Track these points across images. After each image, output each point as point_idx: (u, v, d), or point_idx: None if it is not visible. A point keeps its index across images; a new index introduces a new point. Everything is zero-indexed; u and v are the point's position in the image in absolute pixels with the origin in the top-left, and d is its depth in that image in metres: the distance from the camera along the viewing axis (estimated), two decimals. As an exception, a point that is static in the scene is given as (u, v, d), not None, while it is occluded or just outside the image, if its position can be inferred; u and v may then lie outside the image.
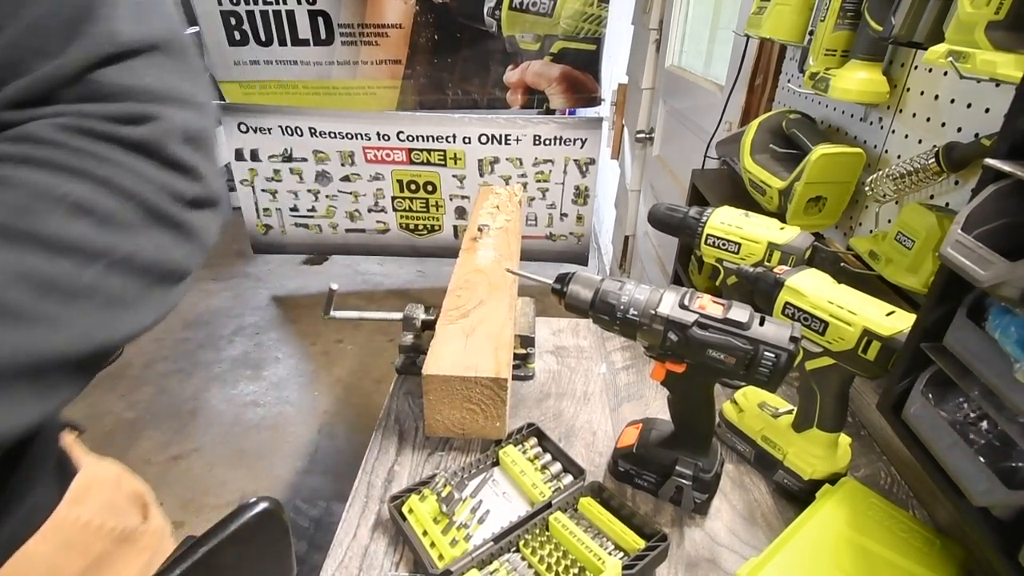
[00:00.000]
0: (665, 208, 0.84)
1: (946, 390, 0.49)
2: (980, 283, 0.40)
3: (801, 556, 0.52)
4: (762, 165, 0.96)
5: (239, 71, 2.52)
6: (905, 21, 0.67)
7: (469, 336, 0.73)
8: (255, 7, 2.37)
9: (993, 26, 0.53)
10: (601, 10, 2.36)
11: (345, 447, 2.06)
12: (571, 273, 0.59)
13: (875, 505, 0.58)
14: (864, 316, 0.55)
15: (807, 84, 0.86)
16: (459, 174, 2.63)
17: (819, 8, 0.85)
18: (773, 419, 0.69)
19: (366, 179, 2.68)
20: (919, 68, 0.76)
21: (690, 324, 0.52)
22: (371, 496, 0.64)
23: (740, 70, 1.26)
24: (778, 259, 0.74)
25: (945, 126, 0.71)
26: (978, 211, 0.42)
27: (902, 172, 0.71)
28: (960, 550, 0.54)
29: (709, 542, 0.60)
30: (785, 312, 0.61)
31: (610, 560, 0.52)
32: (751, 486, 0.67)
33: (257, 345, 2.60)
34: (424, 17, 2.40)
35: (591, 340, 0.95)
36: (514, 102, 2.56)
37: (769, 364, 0.50)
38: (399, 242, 2.87)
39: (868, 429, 0.76)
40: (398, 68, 2.52)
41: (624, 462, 0.66)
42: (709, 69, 1.76)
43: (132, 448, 2.02)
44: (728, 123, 1.39)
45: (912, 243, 0.68)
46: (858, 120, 0.89)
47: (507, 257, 0.95)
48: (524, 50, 2.45)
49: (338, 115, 2.53)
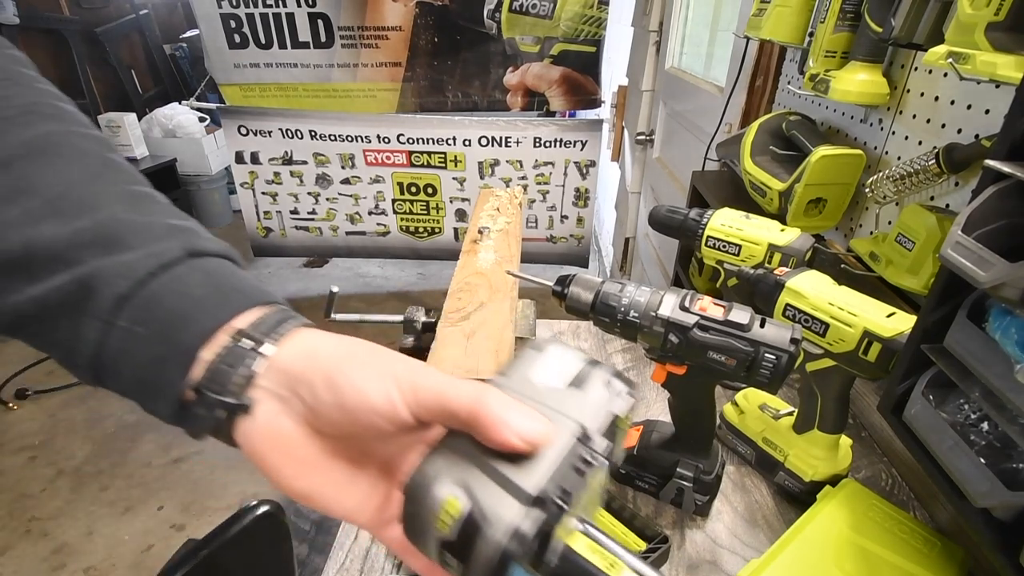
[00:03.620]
0: (665, 210, 0.84)
1: (947, 391, 0.49)
2: (980, 284, 0.40)
3: (802, 558, 0.52)
4: (762, 167, 0.96)
5: (239, 74, 2.53)
6: (905, 22, 0.67)
7: (470, 338, 0.73)
8: (255, 10, 2.38)
9: (993, 27, 0.53)
10: (601, 12, 2.37)
11: (346, 449, 2.06)
12: (571, 275, 0.59)
13: (876, 506, 0.57)
14: (865, 317, 0.55)
15: (807, 86, 0.86)
16: (459, 176, 2.63)
17: (819, 10, 0.85)
18: (774, 421, 0.69)
19: (366, 182, 2.68)
20: (919, 69, 0.76)
21: (691, 326, 0.52)
22: (372, 498, 0.64)
23: (740, 72, 1.27)
24: (778, 261, 0.74)
25: (945, 127, 0.71)
26: (978, 212, 0.42)
27: (902, 173, 0.71)
28: (961, 551, 0.54)
29: (710, 544, 0.60)
30: (786, 314, 0.61)
31: (611, 562, 0.52)
32: (752, 488, 0.67)
33: (258, 347, 2.60)
34: (424, 19, 2.41)
35: (592, 342, 0.95)
36: (514, 104, 2.57)
37: (770, 366, 0.50)
38: (400, 244, 2.88)
39: (869, 430, 0.76)
40: (398, 71, 2.53)
41: (625, 464, 0.66)
42: (709, 71, 1.76)
43: (133, 451, 2.02)
44: (728, 125, 1.39)
45: (912, 244, 0.68)
46: (858, 122, 0.89)
47: (507, 259, 0.95)
48: (524, 52, 2.46)
49: (338, 118, 2.54)
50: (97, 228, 0.28)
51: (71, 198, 0.29)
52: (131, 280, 0.27)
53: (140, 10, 3.87)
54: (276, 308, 0.29)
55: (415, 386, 0.26)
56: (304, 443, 0.27)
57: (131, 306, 0.27)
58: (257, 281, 0.31)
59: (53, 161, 0.30)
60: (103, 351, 0.27)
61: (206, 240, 0.31)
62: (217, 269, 0.30)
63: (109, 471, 1.94)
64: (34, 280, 0.27)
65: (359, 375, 0.26)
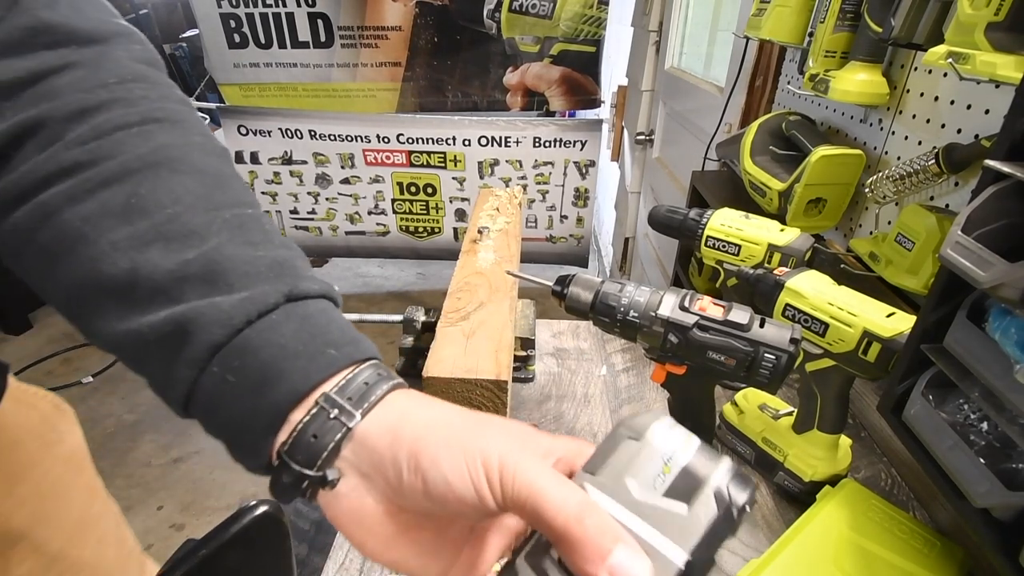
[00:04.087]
0: (665, 210, 0.84)
1: (946, 391, 0.49)
2: (980, 284, 0.40)
3: (802, 558, 0.52)
4: (762, 167, 0.96)
5: (239, 74, 2.53)
6: (905, 22, 0.67)
7: (469, 338, 0.73)
8: (255, 10, 2.37)
9: (993, 27, 0.53)
10: (601, 12, 2.36)
11: (345, 449, 2.06)
12: (571, 275, 0.59)
13: (876, 507, 0.57)
14: (864, 317, 0.55)
15: (807, 86, 0.86)
16: (459, 176, 2.63)
17: (819, 10, 0.85)
18: (773, 421, 0.69)
19: (366, 181, 2.68)
20: (919, 69, 0.76)
21: (690, 326, 0.52)
22: (371, 498, 0.64)
23: (740, 72, 1.27)
24: (778, 261, 0.74)
25: (945, 127, 0.71)
26: (978, 212, 0.42)
27: (902, 173, 0.71)
28: (960, 551, 0.54)
29: (710, 544, 0.60)
30: (785, 314, 0.61)
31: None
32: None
33: (257, 347, 2.60)
34: (424, 19, 2.41)
35: (591, 342, 0.95)
36: (514, 104, 2.57)
37: (769, 366, 0.50)
38: (399, 244, 2.87)
39: (868, 431, 0.76)
40: (398, 70, 2.53)
41: (625, 464, 0.65)
42: (709, 71, 1.76)
43: (133, 451, 2.02)
44: (728, 125, 1.39)
45: (912, 244, 0.68)
46: (858, 122, 0.89)
47: (507, 259, 0.95)
48: (524, 52, 2.45)
49: (338, 117, 2.53)
50: (202, 261, 0.28)
51: (180, 223, 0.29)
52: (228, 328, 0.27)
53: (140, 10, 3.88)
54: (368, 366, 0.29)
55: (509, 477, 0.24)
56: (387, 520, 0.27)
57: (225, 354, 0.27)
58: (353, 330, 0.30)
59: (168, 179, 0.30)
60: (194, 393, 0.27)
61: (306, 280, 0.30)
62: (314, 315, 0.29)
63: (109, 471, 1.94)
64: (134, 310, 0.27)
65: (446, 459, 0.25)
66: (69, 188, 0.28)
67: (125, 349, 0.28)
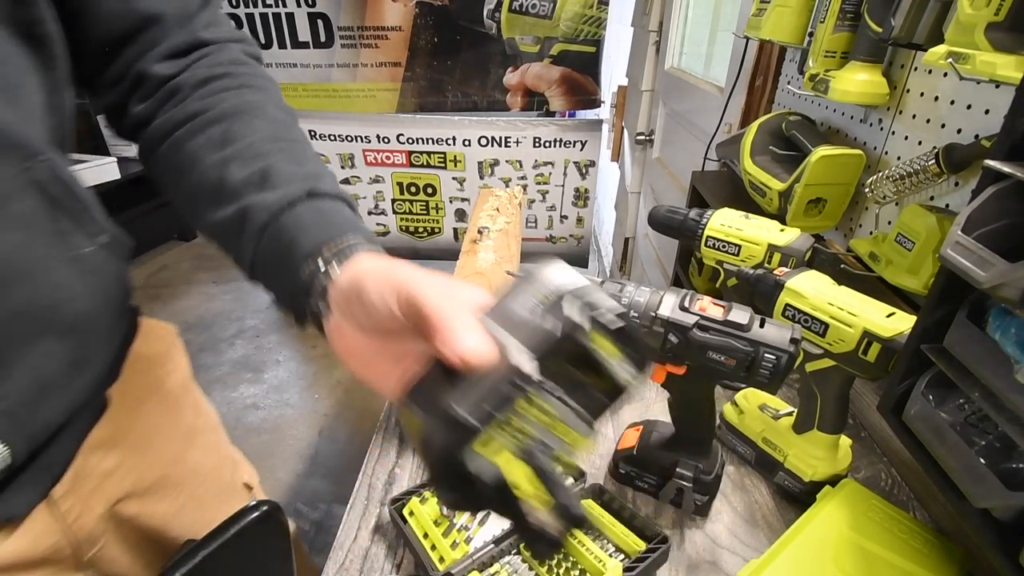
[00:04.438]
0: (665, 210, 0.84)
1: (946, 391, 0.49)
2: (980, 284, 0.40)
3: (802, 558, 0.52)
4: (762, 167, 0.96)
5: (239, 74, 2.53)
6: (905, 22, 0.67)
7: (469, 338, 0.73)
8: (255, 10, 2.37)
9: (993, 27, 0.53)
10: (601, 12, 2.36)
11: (346, 450, 2.06)
12: (571, 275, 0.59)
13: (876, 507, 0.58)
14: (864, 318, 0.55)
15: (807, 86, 0.86)
16: (459, 176, 2.63)
17: (819, 10, 0.85)
18: (774, 421, 0.69)
19: (366, 181, 2.68)
20: (919, 69, 0.76)
21: (690, 326, 0.52)
22: (372, 499, 0.64)
23: (740, 72, 1.27)
24: (778, 261, 0.74)
25: (945, 127, 0.71)
26: (978, 212, 0.42)
27: (902, 173, 0.71)
28: (960, 551, 0.54)
29: (710, 544, 0.60)
30: (785, 314, 0.61)
31: (611, 562, 0.52)
32: (752, 488, 0.67)
33: (257, 348, 2.60)
34: (424, 19, 2.41)
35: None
36: (514, 104, 2.56)
37: (769, 366, 0.50)
38: (399, 244, 2.87)
39: (868, 431, 0.76)
40: (398, 70, 2.52)
41: (624, 464, 0.66)
42: (709, 71, 1.76)
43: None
44: (728, 125, 1.39)
45: (912, 244, 0.68)
46: (858, 122, 0.89)
47: (507, 259, 0.95)
48: (524, 52, 2.45)
49: (338, 117, 2.53)
50: (261, 172, 0.41)
51: (252, 149, 0.42)
52: (268, 214, 0.39)
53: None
54: (358, 237, 0.39)
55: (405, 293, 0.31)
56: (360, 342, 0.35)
57: (269, 231, 0.39)
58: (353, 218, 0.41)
59: (250, 121, 0.44)
60: (255, 259, 0.40)
61: (326, 184, 0.42)
62: (326, 207, 0.41)
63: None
64: (220, 205, 0.41)
65: (373, 288, 0.33)
66: (190, 127, 0.44)
67: (217, 234, 0.42)
